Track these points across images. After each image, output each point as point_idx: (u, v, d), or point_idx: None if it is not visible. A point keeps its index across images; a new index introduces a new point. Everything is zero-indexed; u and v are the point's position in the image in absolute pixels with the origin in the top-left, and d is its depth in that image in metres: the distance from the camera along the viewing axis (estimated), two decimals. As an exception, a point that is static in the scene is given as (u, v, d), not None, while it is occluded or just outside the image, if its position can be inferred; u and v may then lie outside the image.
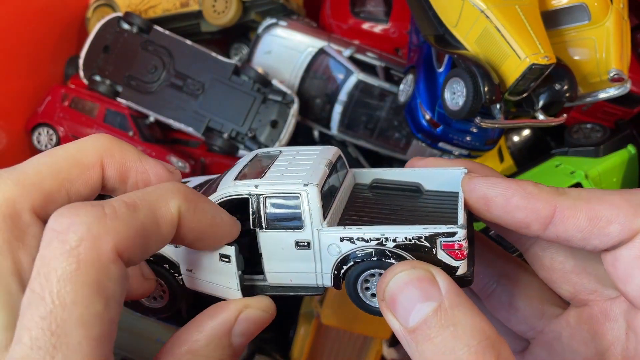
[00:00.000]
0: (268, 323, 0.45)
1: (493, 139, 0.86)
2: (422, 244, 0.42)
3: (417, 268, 0.39)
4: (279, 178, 0.46)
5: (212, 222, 0.43)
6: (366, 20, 1.09)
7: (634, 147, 0.90)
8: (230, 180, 0.48)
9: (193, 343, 0.40)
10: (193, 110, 0.97)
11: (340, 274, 0.45)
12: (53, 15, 1.04)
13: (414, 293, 0.38)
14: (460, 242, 0.42)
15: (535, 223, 0.41)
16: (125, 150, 0.44)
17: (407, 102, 0.88)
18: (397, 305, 0.38)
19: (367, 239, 0.43)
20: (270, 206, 0.45)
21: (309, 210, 0.44)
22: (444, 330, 0.35)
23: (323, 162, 0.49)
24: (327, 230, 0.45)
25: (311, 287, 0.48)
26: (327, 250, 0.45)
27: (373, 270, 0.44)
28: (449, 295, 0.37)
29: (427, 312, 0.36)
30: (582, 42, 0.75)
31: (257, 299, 0.45)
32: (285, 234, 0.45)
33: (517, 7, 0.69)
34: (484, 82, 0.67)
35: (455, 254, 0.42)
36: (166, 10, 1.03)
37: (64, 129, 0.98)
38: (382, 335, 0.96)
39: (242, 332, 0.42)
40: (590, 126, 0.95)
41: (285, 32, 1.01)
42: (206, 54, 0.97)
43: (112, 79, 0.99)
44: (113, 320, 0.35)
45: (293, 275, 0.47)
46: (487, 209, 0.43)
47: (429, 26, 0.77)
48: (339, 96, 0.97)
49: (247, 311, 0.43)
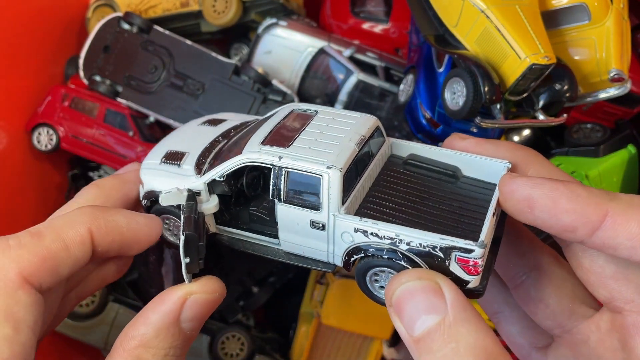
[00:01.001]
0: (218, 303, 0.46)
1: (493, 139, 0.86)
2: (435, 253, 0.41)
3: (424, 279, 0.38)
4: (305, 151, 0.45)
5: (128, 231, 0.45)
6: (366, 20, 1.09)
7: (634, 147, 0.90)
8: (258, 142, 0.47)
9: (142, 336, 0.41)
10: (193, 110, 0.97)
11: (350, 260, 0.45)
12: (53, 15, 1.04)
13: (419, 304, 0.37)
14: (476, 259, 0.40)
15: (582, 228, 0.39)
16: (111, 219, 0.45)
17: (407, 102, 0.88)
18: (403, 312, 0.38)
19: (381, 235, 0.42)
20: (290, 181, 0.45)
21: (328, 194, 0.43)
22: (446, 346, 0.35)
23: (355, 139, 0.47)
24: (343, 218, 0.44)
25: (322, 262, 0.47)
26: (340, 236, 0.44)
27: (383, 268, 0.44)
28: (454, 310, 0.36)
29: (431, 325, 0.36)
30: (582, 42, 0.75)
31: (202, 282, 0.45)
32: (302, 211, 0.45)
33: (517, 7, 0.69)
34: (484, 82, 0.67)
35: (469, 269, 0.41)
36: (166, 10, 1.03)
37: (64, 129, 0.98)
38: (382, 335, 0.96)
39: (190, 318, 0.43)
40: (590, 126, 0.95)
41: (285, 32, 1.01)
42: (206, 54, 0.97)
43: (112, 79, 0.99)
44: (25, 344, 0.37)
45: (305, 248, 0.47)
46: (531, 211, 0.41)
47: (429, 26, 0.77)
48: (339, 96, 0.97)
49: (192, 298, 0.44)
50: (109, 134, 0.98)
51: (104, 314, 0.96)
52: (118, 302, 0.97)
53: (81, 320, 0.95)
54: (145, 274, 1.02)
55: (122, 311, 0.96)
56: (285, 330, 1.08)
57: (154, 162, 0.54)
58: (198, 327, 0.45)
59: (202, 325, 0.46)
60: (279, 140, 0.47)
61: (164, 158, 0.54)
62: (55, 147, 0.98)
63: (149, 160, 0.55)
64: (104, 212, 0.44)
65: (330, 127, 0.49)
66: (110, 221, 0.44)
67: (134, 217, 0.46)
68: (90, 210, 0.44)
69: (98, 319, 0.95)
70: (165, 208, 0.50)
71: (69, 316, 0.95)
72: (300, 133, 0.48)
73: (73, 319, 0.95)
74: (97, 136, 0.98)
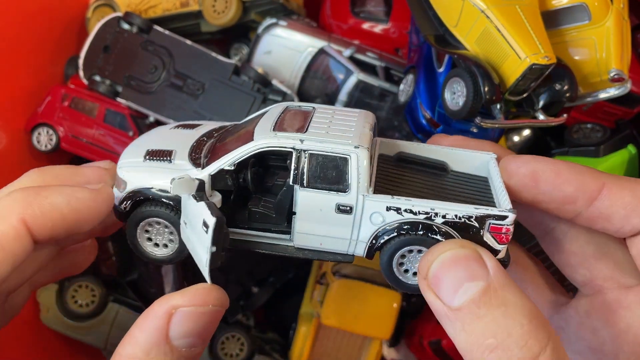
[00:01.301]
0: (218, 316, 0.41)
1: (493, 139, 0.86)
2: (471, 223, 0.42)
3: (466, 247, 0.39)
4: (325, 136, 0.44)
5: (70, 211, 0.40)
6: (366, 20, 1.09)
7: (634, 147, 0.90)
8: (268, 129, 0.45)
9: (130, 357, 0.38)
10: (193, 110, 0.97)
11: (377, 244, 0.44)
12: (53, 15, 1.04)
13: (461, 272, 0.37)
14: (508, 226, 0.41)
15: (582, 197, 0.41)
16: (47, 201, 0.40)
17: (407, 102, 0.88)
18: (442, 283, 0.38)
19: (415, 211, 0.42)
20: (315, 164, 0.43)
21: (357, 175, 0.42)
22: (495, 310, 0.35)
23: (367, 126, 0.47)
24: (373, 198, 0.43)
25: (340, 253, 0.46)
26: (369, 218, 0.43)
27: (413, 246, 0.43)
28: (498, 276, 0.37)
29: (475, 292, 0.36)
30: (583, 42, 0.75)
31: (190, 292, 0.40)
32: (327, 195, 0.43)
33: (517, 7, 0.69)
34: (484, 82, 0.67)
35: (500, 237, 0.42)
36: (166, 10, 1.03)
37: (63, 129, 0.98)
38: (382, 335, 0.96)
39: (183, 334, 0.39)
40: (590, 126, 0.95)
41: (285, 32, 1.01)
42: (206, 54, 0.97)
43: (112, 79, 0.99)
44: None
45: (325, 239, 0.45)
46: (535, 184, 0.43)
47: (429, 26, 0.77)
48: (339, 96, 0.97)
49: (179, 312, 0.39)
50: (109, 134, 0.98)
51: (104, 314, 0.96)
52: (118, 302, 0.97)
53: (81, 321, 0.95)
54: (145, 274, 1.02)
55: (122, 311, 0.96)
56: (285, 330, 1.07)
57: (136, 160, 0.49)
58: (200, 342, 0.40)
59: (208, 339, 0.41)
60: (291, 128, 0.45)
61: (147, 155, 0.49)
62: (55, 147, 0.98)
63: (128, 159, 0.50)
64: (37, 195, 0.39)
65: (336, 118, 0.48)
66: (45, 204, 0.39)
67: (74, 193, 0.41)
68: (21, 195, 0.39)
69: (98, 319, 0.95)
70: (151, 211, 0.46)
71: (69, 316, 0.94)
72: (310, 122, 0.46)
73: (73, 319, 0.95)
74: (97, 136, 0.98)
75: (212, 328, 0.40)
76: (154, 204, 0.47)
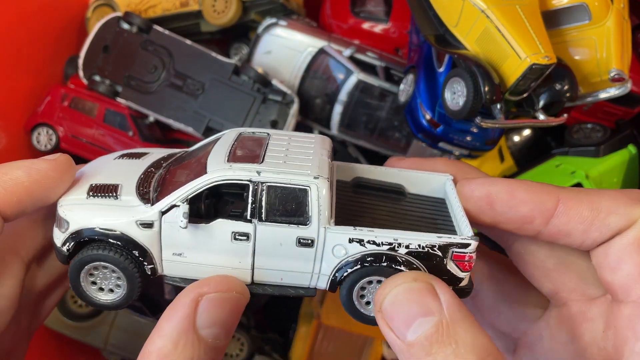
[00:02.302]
0: (241, 305, 0.41)
1: (493, 138, 0.86)
2: (434, 252, 0.41)
3: (419, 280, 0.38)
4: (282, 166, 0.43)
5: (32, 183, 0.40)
6: (366, 20, 1.09)
7: (634, 147, 0.90)
8: (222, 161, 0.43)
9: (160, 350, 0.37)
10: (193, 110, 0.97)
11: (340, 277, 0.43)
12: (53, 15, 1.04)
13: (414, 307, 0.37)
14: (471, 254, 0.41)
15: (539, 216, 0.41)
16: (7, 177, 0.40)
17: (408, 102, 0.87)
18: (395, 317, 0.37)
19: (378, 242, 0.41)
20: (273, 197, 0.42)
21: (318, 206, 0.41)
22: (446, 347, 0.35)
23: (325, 153, 0.45)
24: (335, 230, 0.42)
25: (302, 287, 0.45)
26: (331, 250, 0.42)
27: (372, 277, 0.43)
28: (451, 310, 0.36)
29: (428, 327, 0.35)
30: (583, 42, 0.75)
31: (212, 281, 0.40)
32: (287, 229, 0.42)
33: (518, 7, 0.69)
34: (484, 82, 0.67)
35: (463, 265, 0.42)
36: (166, 10, 1.03)
37: (63, 129, 0.98)
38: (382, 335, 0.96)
39: (209, 323, 0.39)
40: (590, 126, 0.95)
41: (285, 32, 1.01)
42: (206, 54, 0.97)
43: (112, 79, 0.99)
44: None
45: (285, 273, 0.44)
46: (491, 207, 0.42)
47: (429, 26, 0.77)
48: (339, 96, 0.97)
49: (205, 299, 0.39)
50: (109, 134, 0.97)
51: (103, 314, 0.96)
52: (118, 302, 0.97)
53: (81, 321, 0.95)
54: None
55: (122, 312, 0.96)
56: (285, 330, 1.07)
57: (78, 198, 0.45)
58: (224, 335, 0.40)
59: (231, 333, 0.40)
60: (246, 158, 0.44)
61: (91, 192, 0.45)
62: (54, 147, 0.98)
63: (69, 197, 0.45)
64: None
65: (293, 145, 0.47)
66: (6, 181, 0.39)
67: (32, 165, 0.40)
68: None
69: (98, 320, 0.95)
70: (97, 254, 0.43)
71: (69, 316, 0.95)
72: (266, 151, 0.45)
73: (73, 320, 0.95)
74: (96, 136, 0.98)
75: (235, 318, 0.40)
76: (100, 246, 0.43)
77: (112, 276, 0.45)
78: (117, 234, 0.43)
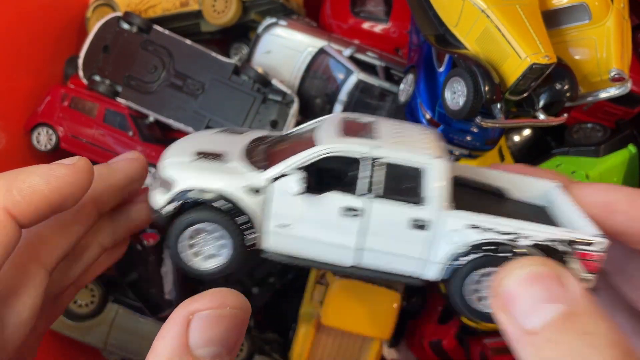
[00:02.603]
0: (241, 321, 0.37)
1: (493, 138, 0.86)
2: (557, 248, 0.38)
3: (547, 265, 0.34)
4: (399, 144, 0.41)
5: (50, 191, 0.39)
6: (366, 19, 1.09)
7: (634, 146, 0.90)
8: (335, 135, 0.42)
9: None
10: (193, 110, 0.97)
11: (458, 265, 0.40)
12: (53, 15, 1.04)
13: (540, 292, 0.33)
14: (600, 253, 0.38)
15: None
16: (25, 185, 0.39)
17: (408, 102, 0.87)
18: (518, 301, 0.33)
19: (501, 231, 0.39)
20: (390, 174, 0.40)
21: (438, 187, 0.39)
22: (577, 338, 0.31)
23: (437, 139, 0.43)
24: (455, 214, 0.39)
25: (406, 275, 0.42)
26: (448, 236, 0.40)
27: (491, 268, 0.39)
28: (583, 301, 0.33)
29: (554, 315, 0.32)
30: (583, 42, 0.75)
31: (204, 297, 0.37)
32: (401, 207, 0.40)
33: (518, 7, 0.69)
34: (484, 82, 0.67)
35: (590, 265, 0.38)
36: (166, 10, 1.03)
37: (63, 129, 0.98)
38: (382, 335, 0.96)
39: (204, 342, 0.35)
40: (590, 126, 0.95)
41: (285, 32, 1.01)
42: (206, 54, 0.97)
43: (112, 79, 0.99)
44: None
45: (392, 257, 0.41)
46: (609, 216, 0.39)
47: (429, 26, 0.77)
48: (339, 96, 0.97)
49: (196, 318, 0.36)
50: (109, 134, 0.97)
51: (103, 314, 0.96)
52: (117, 303, 0.97)
53: (81, 321, 0.95)
54: (144, 274, 1.02)
55: (122, 311, 0.96)
56: (285, 330, 1.07)
57: (184, 160, 0.44)
58: (226, 352, 0.36)
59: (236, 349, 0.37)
60: (359, 134, 0.42)
61: (198, 155, 0.45)
62: (54, 147, 0.98)
63: (174, 159, 0.45)
64: (15, 180, 0.38)
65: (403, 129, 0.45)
66: (24, 189, 0.38)
67: (50, 171, 0.39)
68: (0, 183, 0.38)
69: (97, 319, 0.95)
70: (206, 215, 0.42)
71: (69, 317, 0.95)
72: (377, 131, 0.43)
73: (73, 320, 0.95)
74: (96, 136, 0.98)
75: (235, 335, 0.37)
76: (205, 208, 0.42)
77: (212, 242, 0.43)
78: (225, 196, 0.42)
